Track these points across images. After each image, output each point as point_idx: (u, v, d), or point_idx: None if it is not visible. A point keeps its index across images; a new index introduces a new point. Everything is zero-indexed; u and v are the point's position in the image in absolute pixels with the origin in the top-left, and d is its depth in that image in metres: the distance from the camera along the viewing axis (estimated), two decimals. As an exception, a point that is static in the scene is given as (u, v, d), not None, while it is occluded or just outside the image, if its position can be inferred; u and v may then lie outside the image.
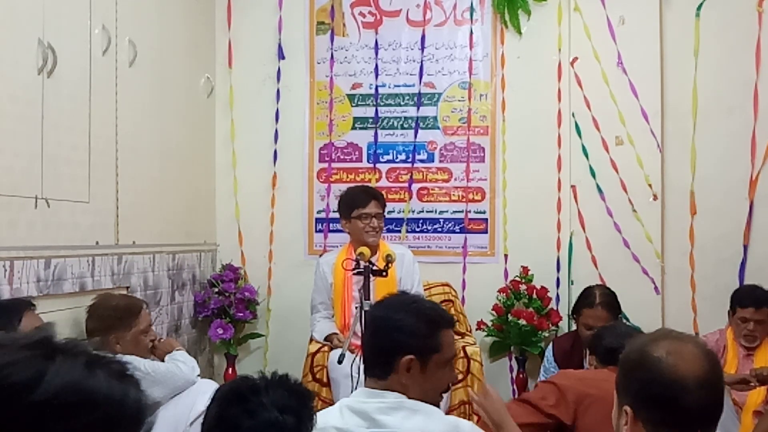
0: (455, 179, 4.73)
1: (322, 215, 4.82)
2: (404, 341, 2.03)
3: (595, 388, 2.41)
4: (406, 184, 4.76)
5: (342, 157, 4.83)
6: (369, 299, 3.42)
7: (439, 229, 4.75)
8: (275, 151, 4.83)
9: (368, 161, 4.80)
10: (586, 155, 4.54)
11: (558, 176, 4.60)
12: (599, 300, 3.89)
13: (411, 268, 4.15)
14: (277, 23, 4.83)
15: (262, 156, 4.84)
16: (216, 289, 4.58)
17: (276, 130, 4.83)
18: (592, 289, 4.00)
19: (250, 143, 4.85)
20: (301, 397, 1.74)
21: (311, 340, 4.23)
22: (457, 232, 4.72)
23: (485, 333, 4.50)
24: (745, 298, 3.89)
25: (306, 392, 1.78)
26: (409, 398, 2.02)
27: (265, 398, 1.68)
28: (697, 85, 4.48)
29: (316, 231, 4.83)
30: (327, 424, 1.99)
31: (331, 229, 4.79)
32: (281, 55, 4.83)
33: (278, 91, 4.83)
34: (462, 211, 4.72)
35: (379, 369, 2.05)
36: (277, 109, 4.83)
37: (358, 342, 3.48)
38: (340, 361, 3.28)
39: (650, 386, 1.64)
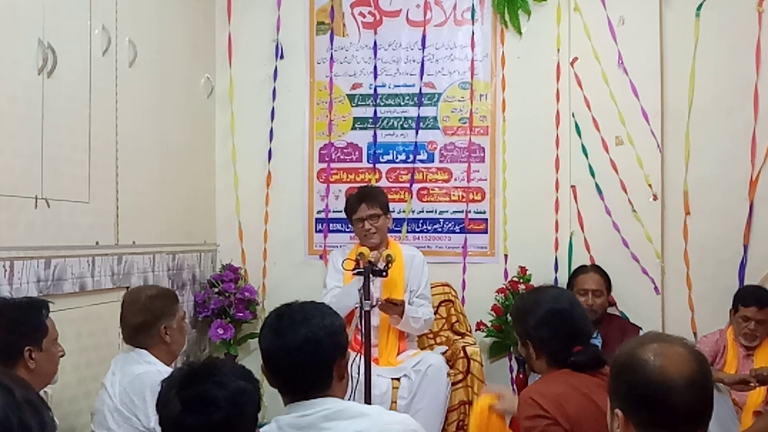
0: (455, 179, 4.73)
1: (322, 215, 4.82)
2: (344, 343, 2.02)
3: (565, 391, 2.35)
4: (406, 184, 4.76)
5: (342, 157, 4.83)
6: (369, 299, 3.43)
7: (439, 229, 4.75)
8: (272, 150, 4.83)
9: (368, 161, 4.80)
10: (586, 155, 4.54)
11: (557, 176, 4.60)
12: (591, 267, 4.33)
13: (419, 270, 4.16)
14: (277, 23, 4.83)
15: (262, 156, 4.85)
16: (216, 290, 4.58)
17: (271, 129, 4.83)
18: (583, 265, 4.41)
19: (250, 143, 4.85)
20: (246, 368, 1.88)
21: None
22: (457, 232, 4.72)
23: (485, 333, 4.50)
24: (749, 297, 3.91)
25: (243, 365, 1.90)
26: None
27: (225, 371, 1.81)
28: (696, 85, 4.48)
29: (316, 231, 4.83)
30: None
31: (331, 229, 4.79)
32: (279, 55, 4.83)
33: (274, 89, 4.83)
34: (462, 211, 4.72)
35: (320, 380, 1.97)
36: (273, 108, 4.83)
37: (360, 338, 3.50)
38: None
39: (638, 388, 1.66)
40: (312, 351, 1.95)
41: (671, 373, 1.63)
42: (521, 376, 4.49)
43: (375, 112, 4.79)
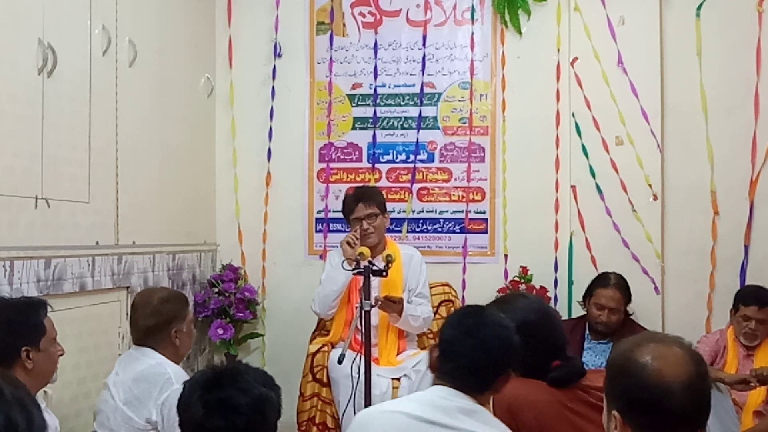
0: (455, 179, 4.73)
1: (322, 215, 4.82)
2: (512, 359, 2.15)
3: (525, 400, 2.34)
4: (406, 184, 4.76)
5: (342, 157, 4.83)
6: (369, 299, 3.43)
7: (439, 229, 4.75)
8: (273, 151, 4.83)
9: (368, 161, 4.80)
10: (586, 155, 4.54)
11: (557, 176, 4.60)
12: (614, 281, 4.15)
13: (418, 270, 4.16)
14: (277, 23, 4.83)
15: (261, 156, 4.85)
16: (216, 289, 4.58)
17: (271, 129, 4.83)
18: (607, 273, 4.23)
19: (249, 143, 4.85)
20: (268, 375, 1.90)
21: (312, 339, 4.23)
22: (457, 232, 4.72)
23: (485, 333, 4.49)
24: (749, 296, 3.91)
25: (265, 372, 1.93)
26: None
27: (249, 377, 1.82)
28: (697, 85, 4.48)
29: (316, 231, 4.83)
30: (400, 409, 2.09)
31: (330, 229, 4.79)
32: (278, 54, 4.83)
33: (273, 89, 4.83)
34: (462, 211, 4.72)
35: (481, 385, 2.13)
36: (272, 108, 4.83)
37: (360, 338, 3.50)
38: (340, 361, 3.28)
39: (636, 392, 1.64)
40: (494, 355, 2.10)
41: (669, 377, 1.62)
42: (521, 376, 4.48)
43: (375, 112, 4.79)
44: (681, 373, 1.63)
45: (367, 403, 3.29)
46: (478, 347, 2.10)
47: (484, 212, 4.71)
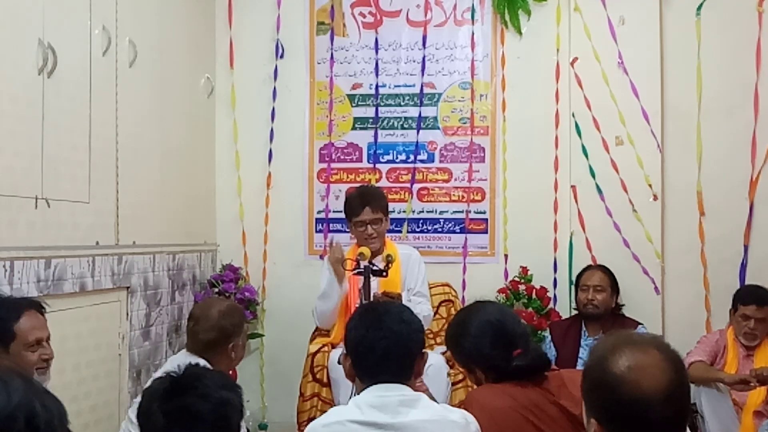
0: (455, 179, 4.73)
1: (322, 215, 4.82)
2: (422, 339, 2.25)
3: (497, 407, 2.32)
4: (407, 185, 4.76)
5: (342, 157, 4.83)
6: (369, 299, 3.43)
7: (440, 229, 4.75)
8: (273, 151, 4.84)
9: (368, 161, 4.80)
10: (586, 155, 4.54)
11: (557, 176, 4.60)
12: (595, 265, 4.33)
13: (416, 269, 4.15)
14: (278, 23, 4.83)
15: (262, 156, 4.85)
16: (216, 290, 4.58)
17: (272, 130, 4.83)
18: (589, 265, 4.40)
19: (250, 143, 4.86)
20: (227, 377, 1.87)
21: (312, 339, 4.23)
22: (458, 233, 4.73)
23: (485, 333, 4.49)
24: (748, 295, 3.92)
25: (225, 373, 1.92)
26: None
27: (208, 382, 1.77)
28: (697, 85, 4.48)
29: (317, 231, 4.83)
30: (343, 418, 2.08)
31: (331, 229, 4.79)
32: (280, 55, 4.84)
33: (274, 90, 4.83)
34: (462, 212, 4.72)
35: (404, 371, 2.17)
36: (273, 108, 4.83)
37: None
38: (340, 362, 3.28)
39: (613, 406, 1.57)
40: (404, 340, 2.16)
41: (647, 389, 1.54)
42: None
43: (375, 112, 4.79)
44: (659, 382, 1.54)
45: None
46: (387, 336, 2.15)
47: (484, 212, 4.71)
